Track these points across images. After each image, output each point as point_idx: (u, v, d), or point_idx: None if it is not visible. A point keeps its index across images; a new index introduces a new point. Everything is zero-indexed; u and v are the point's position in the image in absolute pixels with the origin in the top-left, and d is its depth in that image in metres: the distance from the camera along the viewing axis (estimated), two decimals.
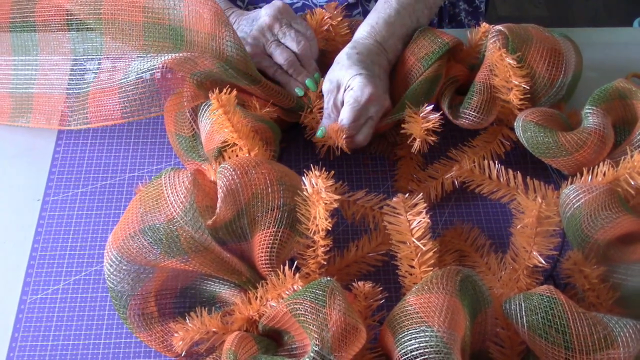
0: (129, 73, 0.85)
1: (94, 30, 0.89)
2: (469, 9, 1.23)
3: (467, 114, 0.86)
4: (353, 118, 0.85)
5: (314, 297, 0.65)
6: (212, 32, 0.83)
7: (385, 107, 0.87)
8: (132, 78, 0.85)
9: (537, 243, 0.72)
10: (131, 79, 0.84)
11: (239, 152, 0.79)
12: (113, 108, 0.86)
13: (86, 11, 0.88)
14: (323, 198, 0.70)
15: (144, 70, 0.84)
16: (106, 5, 0.87)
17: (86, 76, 0.89)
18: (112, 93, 0.86)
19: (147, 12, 0.85)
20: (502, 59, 0.84)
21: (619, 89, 0.86)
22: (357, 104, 0.84)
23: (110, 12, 0.86)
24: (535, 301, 0.66)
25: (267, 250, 0.72)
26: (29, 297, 0.80)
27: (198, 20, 0.83)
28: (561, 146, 0.81)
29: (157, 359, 0.75)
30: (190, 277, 0.76)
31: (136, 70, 0.85)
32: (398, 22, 0.91)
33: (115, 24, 0.86)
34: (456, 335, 0.62)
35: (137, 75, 0.84)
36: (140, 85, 0.84)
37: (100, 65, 0.88)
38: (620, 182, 0.78)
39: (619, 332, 0.64)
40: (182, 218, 0.70)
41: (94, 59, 0.89)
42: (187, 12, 0.84)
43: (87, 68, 0.89)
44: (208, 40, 0.83)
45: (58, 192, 0.89)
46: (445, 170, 0.88)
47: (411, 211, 0.72)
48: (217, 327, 0.70)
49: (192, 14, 0.84)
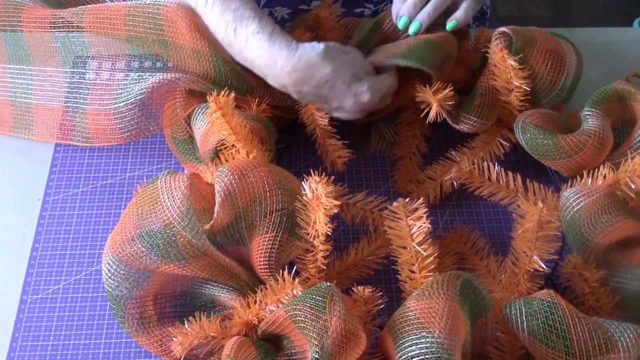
0: (119, 98, 0.85)
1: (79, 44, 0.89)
2: (477, 15, 1.23)
3: (468, 118, 0.86)
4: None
5: (314, 303, 0.64)
6: (195, 47, 0.82)
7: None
8: (122, 105, 0.84)
9: (537, 247, 0.72)
10: (122, 106, 0.84)
11: (237, 155, 0.79)
12: (112, 130, 0.86)
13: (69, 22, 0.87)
14: (323, 203, 0.70)
15: (132, 95, 0.84)
16: (87, 17, 0.86)
17: (80, 91, 0.89)
18: (108, 117, 0.86)
19: (128, 24, 0.84)
20: (504, 60, 0.84)
21: (618, 90, 0.86)
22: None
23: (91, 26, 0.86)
24: (535, 306, 0.66)
25: (265, 254, 0.72)
26: (29, 297, 0.80)
27: (178, 34, 0.83)
28: (561, 148, 0.81)
29: (157, 359, 0.75)
30: (189, 281, 0.76)
31: (125, 96, 0.85)
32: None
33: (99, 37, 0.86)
34: (457, 340, 0.62)
35: (127, 102, 0.84)
36: (132, 110, 0.84)
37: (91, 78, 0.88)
38: (620, 186, 0.78)
39: (619, 336, 0.64)
40: (179, 223, 0.70)
41: (84, 72, 0.89)
42: (166, 25, 0.83)
43: (80, 82, 0.89)
44: (192, 56, 0.83)
45: (58, 191, 0.89)
46: (444, 171, 0.88)
47: (411, 216, 0.72)
48: (216, 331, 0.70)
49: (171, 27, 0.83)
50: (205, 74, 0.83)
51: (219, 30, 0.82)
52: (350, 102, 0.83)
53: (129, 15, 0.84)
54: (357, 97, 0.83)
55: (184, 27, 0.82)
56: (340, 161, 0.87)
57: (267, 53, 0.80)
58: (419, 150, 0.91)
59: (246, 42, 0.80)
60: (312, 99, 0.84)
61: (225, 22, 0.81)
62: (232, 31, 0.81)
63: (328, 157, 0.88)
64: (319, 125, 0.87)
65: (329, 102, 0.84)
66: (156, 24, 0.83)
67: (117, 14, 0.85)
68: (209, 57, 0.82)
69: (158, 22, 0.83)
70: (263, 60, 0.80)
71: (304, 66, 0.80)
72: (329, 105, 0.85)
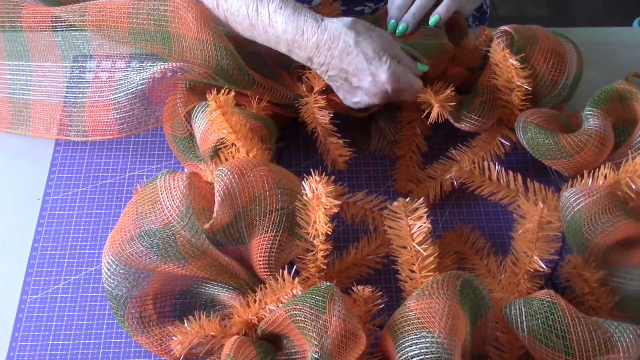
0: (119, 88, 0.85)
1: (81, 38, 0.89)
2: (477, 14, 1.23)
3: (469, 117, 0.86)
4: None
5: (314, 303, 0.64)
6: (199, 37, 0.82)
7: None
8: (122, 95, 0.84)
9: (538, 248, 0.72)
10: (122, 96, 0.84)
11: (237, 153, 0.79)
12: (110, 123, 0.86)
13: (71, 18, 0.87)
14: (323, 203, 0.70)
15: (133, 85, 0.84)
16: (90, 12, 0.86)
17: (80, 85, 0.89)
18: (107, 109, 0.86)
19: (132, 18, 0.84)
20: (505, 59, 0.84)
21: (619, 90, 0.86)
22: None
23: (94, 20, 0.86)
24: (535, 306, 0.66)
25: (265, 254, 0.72)
26: (29, 297, 0.80)
27: (182, 24, 0.83)
28: (562, 148, 0.81)
29: (157, 359, 0.75)
30: (189, 280, 0.76)
31: (126, 87, 0.85)
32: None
33: (102, 31, 0.86)
34: (457, 340, 0.62)
35: (127, 92, 0.84)
36: (132, 101, 0.84)
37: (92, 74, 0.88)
38: (621, 186, 0.78)
39: (619, 337, 0.64)
40: (179, 223, 0.70)
41: (85, 67, 0.89)
42: (171, 17, 0.83)
43: (81, 76, 0.89)
44: (196, 45, 0.83)
45: (58, 191, 0.88)
46: (445, 170, 0.88)
47: (412, 216, 0.72)
48: (215, 331, 0.70)
49: (176, 18, 0.83)
50: (208, 63, 0.82)
51: (240, 13, 0.83)
52: (369, 80, 0.83)
53: (132, 9, 0.84)
54: (375, 76, 0.83)
55: (191, 18, 0.83)
56: (341, 160, 0.87)
57: (293, 26, 0.81)
58: (420, 150, 0.91)
59: (270, 20, 0.82)
60: (335, 74, 0.84)
61: (246, 4, 0.82)
62: (254, 11, 0.82)
63: (329, 155, 0.88)
64: (320, 123, 0.87)
65: (350, 78, 0.84)
66: (160, 16, 0.83)
67: (120, 9, 0.85)
68: (212, 45, 0.82)
69: (163, 13, 0.83)
70: (289, 34, 0.81)
71: (329, 36, 0.81)
72: (349, 85, 0.85)
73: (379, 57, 0.82)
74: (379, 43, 0.83)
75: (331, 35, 0.81)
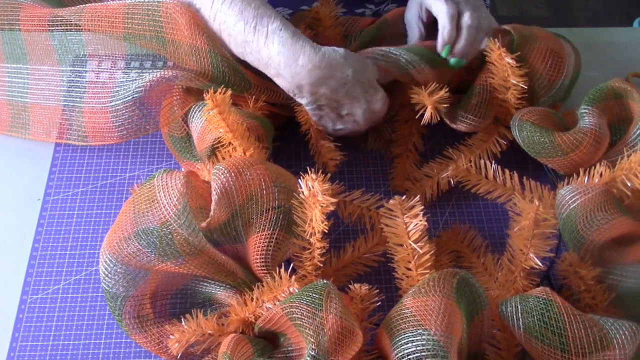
0: (116, 95, 0.85)
1: (77, 42, 0.89)
2: None
3: (465, 117, 0.86)
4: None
5: (310, 300, 0.65)
6: (193, 44, 0.83)
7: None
8: (120, 102, 0.85)
9: (533, 245, 0.72)
10: (119, 103, 0.85)
11: (233, 152, 0.79)
12: (108, 129, 0.86)
13: (68, 21, 0.88)
14: (319, 201, 0.70)
15: (129, 92, 0.84)
16: (86, 16, 0.87)
17: (78, 90, 0.89)
18: (105, 115, 0.86)
19: (127, 22, 0.85)
20: (501, 58, 0.84)
21: (614, 88, 0.86)
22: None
23: (90, 24, 0.86)
24: (531, 303, 0.66)
25: (262, 252, 0.72)
26: (29, 297, 0.80)
27: (176, 29, 0.83)
28: (557, 146, 0.81)
29: (157, 359, 0.76)
30: (186, 278, 0.76)
31: (122, 94, 0.85)
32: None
33: (97, 36, 0.87)
34: (453, 338, 0.62)
35: (124, 100, 0.84)
36: (130, 108, 0.84)
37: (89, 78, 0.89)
38: (616, 183, 0.78)
39: (615, 333, 0.64)
40: (176, 221, 0.70)
41: (82, 71, 0.89)
42: (165, 20, 0.84)
43: (78, 80, 0.89)
44: (190, 52, 0.83)
45: (58, 191, 0.89)
46: (441, 169, 0.88)
47: (408, 213, 0.72)
48: (212, 329, 0.70)
49: (170, 23, 0.83)
50: (203, 70, 0.83)
51: (236, 28, 0.82)
52: (362, 108, 0.84)
53: (127, 13, 0.85)
54: (370, 104, 0.84)
55: (183, 23, 0.83)
56: (332, 163, 0.88)
57: (289, 49, 0.79)
58: (416, 148, 0.91)
59: (266, 39, 0.80)
60: (324, 103, 0.84)
61: (245, 20, 0.81)
62: (252, 28, 0.81)
63: (320, 158, 0.88)
64: (314, 125, 0.87)
65: (340, 108, 0.84)
66: (155, 21, 0.83)
67: (116, 12, 0.85)
68: (206, 53, 0.83)
69: (157, 19, 0.83)
70: (284, 56, 0.80)
71: (327, 64, 0.80)
72: (336, 114, 0.86)
73: (374, 87, 0.84)
74: (372, 72, 0.84)
75: (329, 64, 0.80)
